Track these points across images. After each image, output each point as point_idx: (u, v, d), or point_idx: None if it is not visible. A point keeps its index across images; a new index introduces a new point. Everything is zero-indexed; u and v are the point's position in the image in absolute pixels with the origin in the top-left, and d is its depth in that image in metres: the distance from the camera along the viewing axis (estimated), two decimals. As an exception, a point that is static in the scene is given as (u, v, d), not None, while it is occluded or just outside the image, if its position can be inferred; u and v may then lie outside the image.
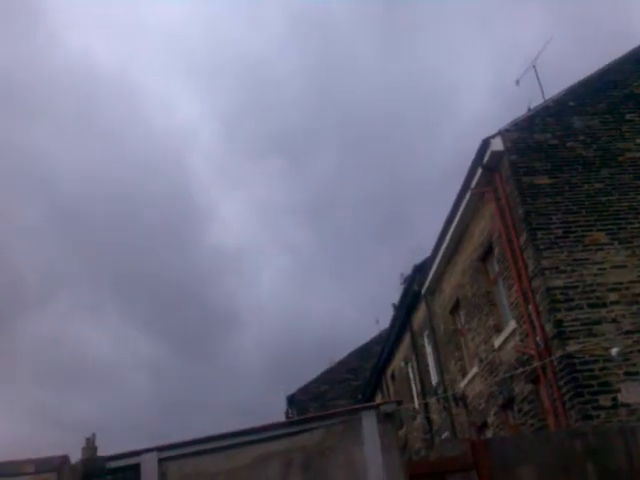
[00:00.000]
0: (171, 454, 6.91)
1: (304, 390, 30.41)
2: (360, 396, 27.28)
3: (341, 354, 32.02)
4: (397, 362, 21.83)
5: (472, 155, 11.89)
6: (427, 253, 16.25)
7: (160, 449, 6.94)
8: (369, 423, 7.00)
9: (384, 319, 29.21)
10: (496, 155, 11.44)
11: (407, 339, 19.76)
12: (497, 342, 12.26)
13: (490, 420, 12.98)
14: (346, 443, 6.95)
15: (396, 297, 20.31)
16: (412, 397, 19.95)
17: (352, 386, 29.80)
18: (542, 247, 10.45)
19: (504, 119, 12.01)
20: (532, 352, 10.48)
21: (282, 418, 29.04)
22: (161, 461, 6.84)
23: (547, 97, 12.48)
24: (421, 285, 16.94)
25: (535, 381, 10.63)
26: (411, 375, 20.14)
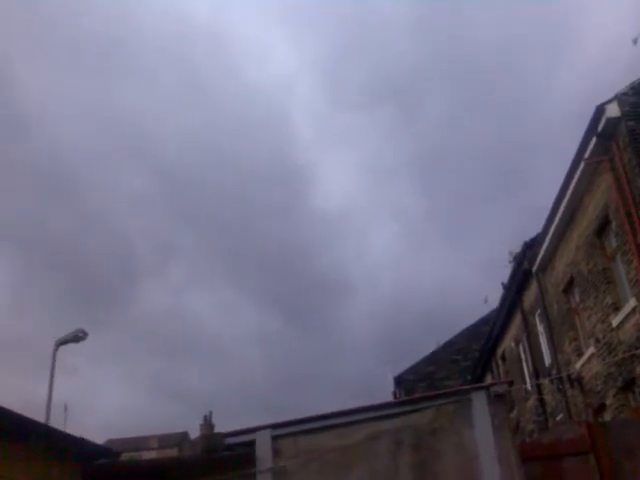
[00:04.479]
0: (284, 431, 7.13)
1: (412, 370, 30.30)
2: (469, 377, 26.89)
3: (448, 334, 31.66)
4: (507, 342, 21.30)
5: (586, 121, 11.23)
6: (537, 228, 15.61)
7: (274, 426, 7.18)
8: (479, 404, 6.89)
9: (492, 298, 28.52)
10: (612, 122, 10.79)
11: (518, 319, 19.22)
12: (615, 321, 11.67)
13: (609, 402, 12.40)
14: (456, 423, 6.88)
15: (505, 275, 19.74)
16: (524, 378, 19.43)
17: (461, 367, 29.37)
18: (665, 219, 9.78)
19: (618, 84, 11.18)
20: (655, 331, 9.89)
21: (390, 398, 29.17)
22: (275, 438, 7.07)
23: (668, 57, 11.61)
24: (532, 263, 16.37)
25: (659, 362, 10.04)
26: (522, 356, 19.60)
